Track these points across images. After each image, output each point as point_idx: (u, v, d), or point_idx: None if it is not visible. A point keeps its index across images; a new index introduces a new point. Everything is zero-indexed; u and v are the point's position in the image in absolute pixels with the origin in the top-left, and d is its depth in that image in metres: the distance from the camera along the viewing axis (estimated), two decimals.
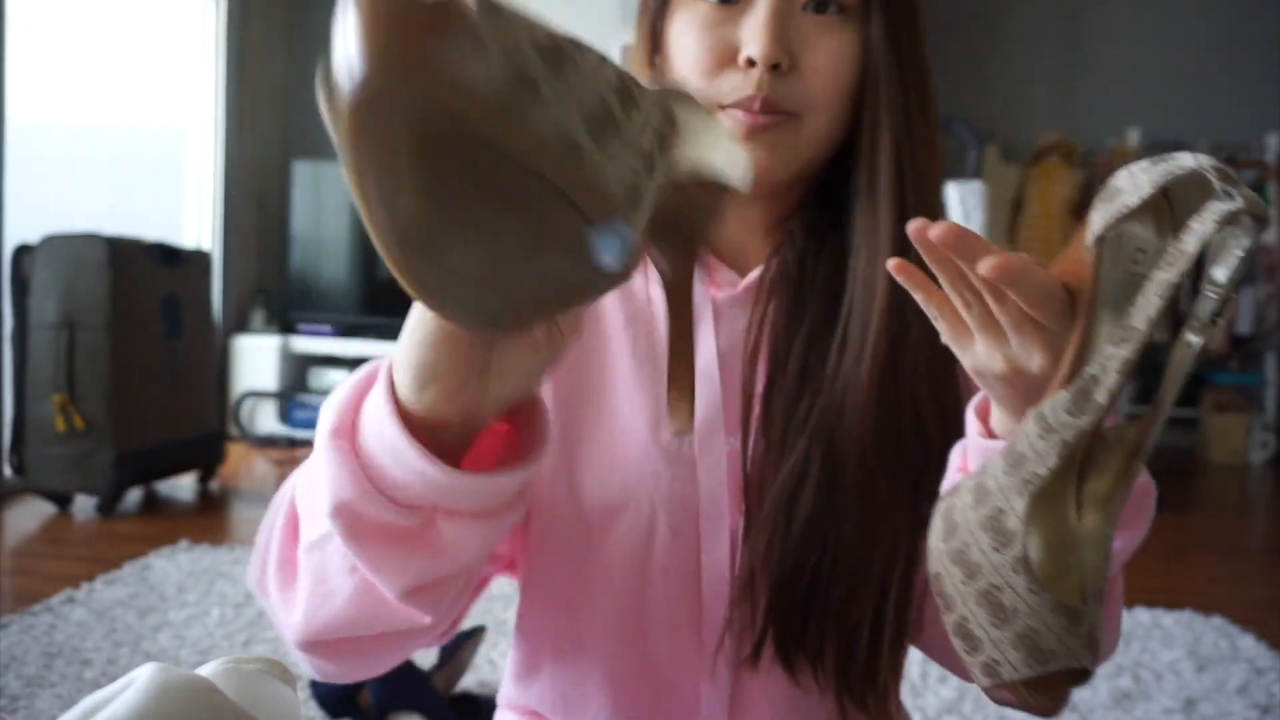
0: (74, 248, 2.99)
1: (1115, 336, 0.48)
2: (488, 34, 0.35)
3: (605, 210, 0.39)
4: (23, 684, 1.70)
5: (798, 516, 0.68)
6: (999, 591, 0.47)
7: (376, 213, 0.39)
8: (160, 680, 0.32)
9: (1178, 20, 5.42)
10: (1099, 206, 0.51)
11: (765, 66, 0.66)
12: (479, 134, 0.35)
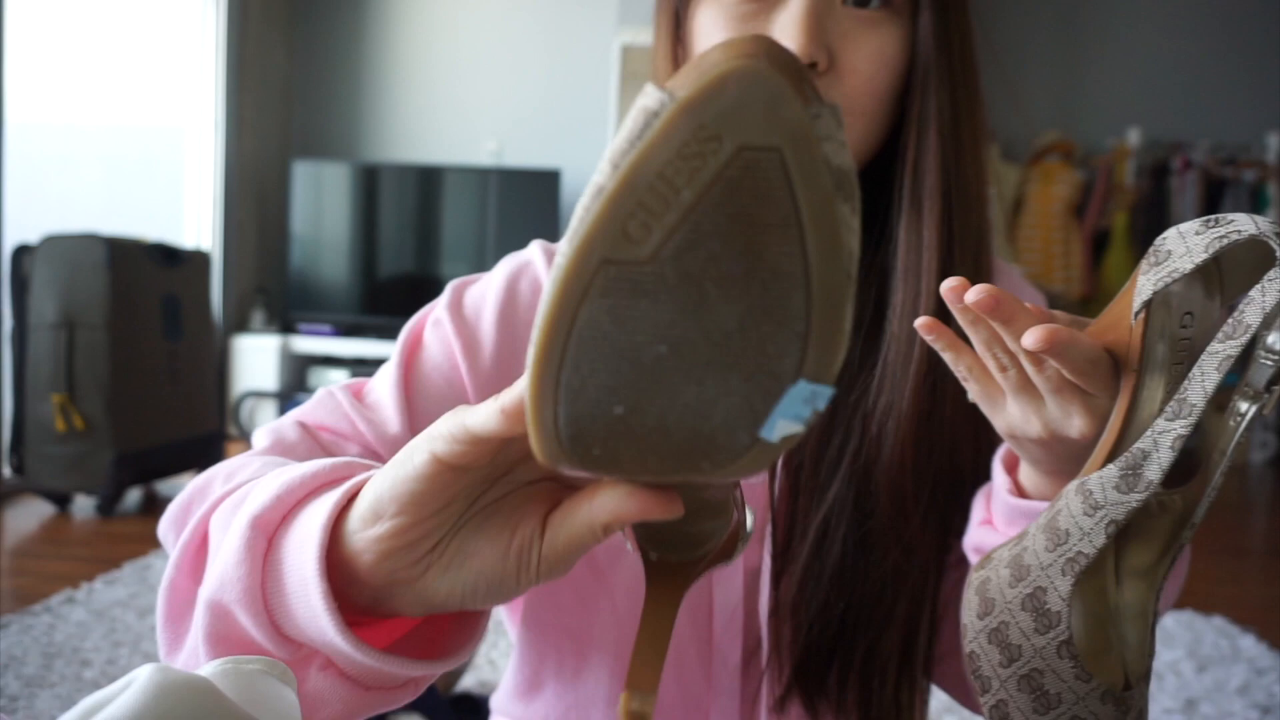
0: (74, 248, 2.99)
1: (1170, 411, 0.45)
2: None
3: (825, 375, 0.32)
4: (22, 684, 1.70)
5: (829, 560, 0.65)
6: (1041, 676, 0.44)
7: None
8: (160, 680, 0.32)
9: (1178, 20, 5.42)
10: (1146, 269, 0.48)
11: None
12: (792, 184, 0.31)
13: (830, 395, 0.33)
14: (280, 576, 0.42)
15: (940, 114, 0.63)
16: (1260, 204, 5.15)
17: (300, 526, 0.42)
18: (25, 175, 3.32)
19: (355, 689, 0.43)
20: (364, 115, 4.89)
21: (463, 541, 0.40)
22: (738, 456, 0.33)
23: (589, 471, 0.34)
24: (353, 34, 4.90)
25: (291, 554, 0.42)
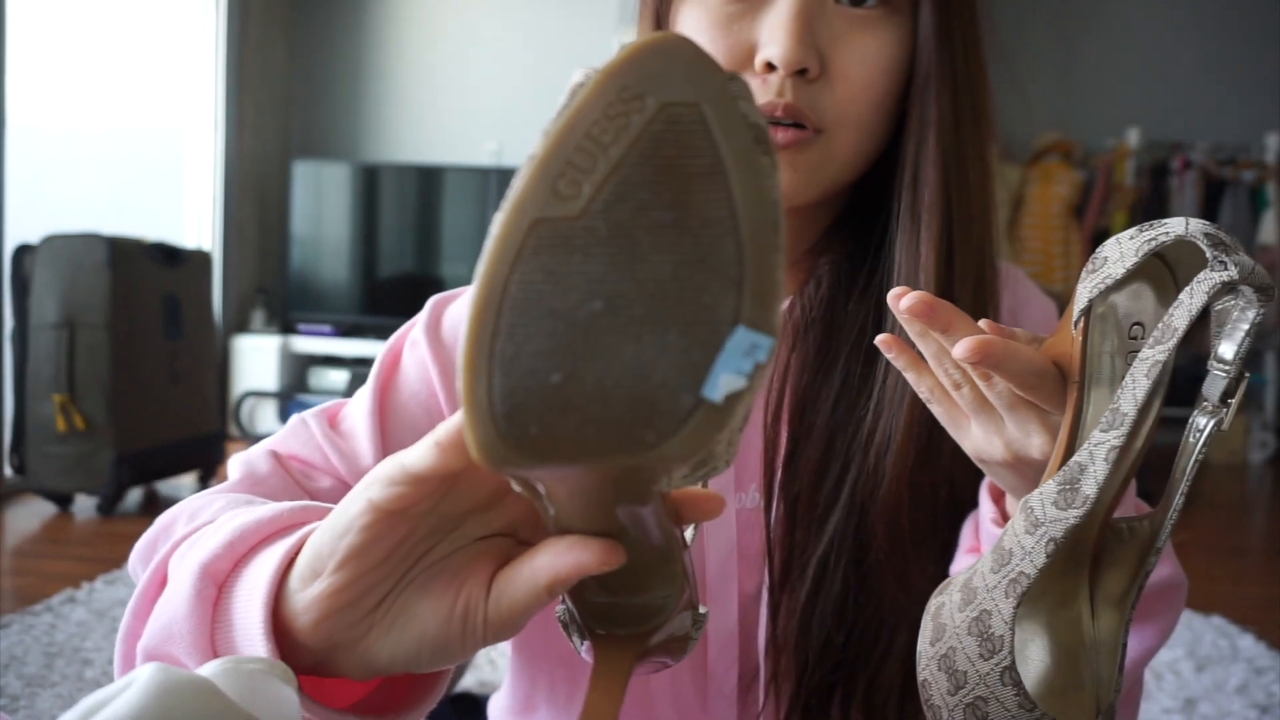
0: (74, 248, 2.99)
1: (1105, 422, 0.43)
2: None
3: (763, 323, 0.31)
4: (23, 683, 1.70)
5: (830, 594, 0.62)
6: (985, 704, 0.42)
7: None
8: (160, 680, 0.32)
9: (1177, 20, 5.42)
10: (1084, 277, 0.47)
11: (788, 72, 0.56)
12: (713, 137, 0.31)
13: (771, 347, 0.32)
14: (230, 630, 0.40)
15: (941, 121, 0.59)
16: (1259, 204, 5.15)
17: (249, 579, 0.40)
18: (26, 176, 3.32)
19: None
20: (364, 115, 4.89)
21: (405, 602, 0.37)
22: (682, 422, 0.32)
23: (526, 463, 0.32)
24: (353, 34, 4.90)
25: (240, 609, 0.40)
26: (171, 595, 0.42)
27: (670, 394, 0.31)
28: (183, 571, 0.42)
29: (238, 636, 0.39)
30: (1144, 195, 5.21)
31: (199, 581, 0.41)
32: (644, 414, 0.32)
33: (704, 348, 0.31)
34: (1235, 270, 0.41)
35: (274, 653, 0.38)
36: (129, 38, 4.15)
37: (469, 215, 4.50)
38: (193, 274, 3.39)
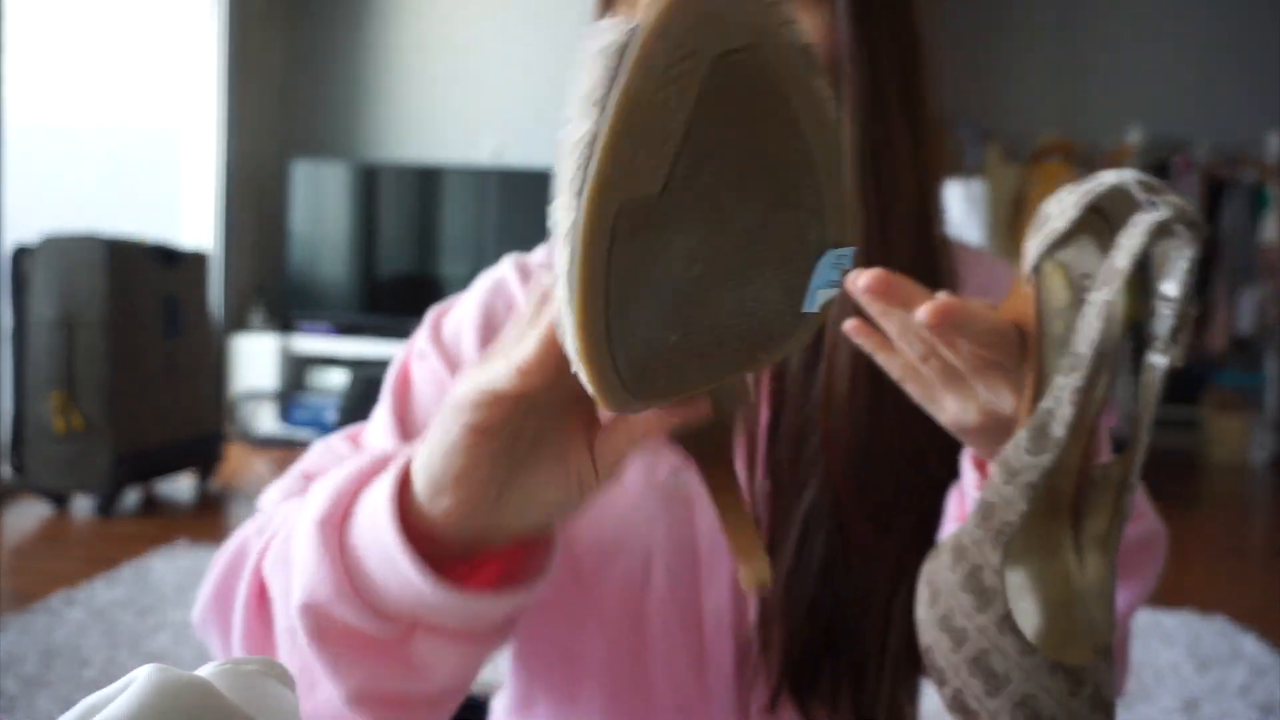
0: (73, 248, 2.99)
1: (1066, 365, 0.45)
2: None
3: (844, 237, 0.34)
4: (21, 684, 1.69)
5: (813, 559, 0.65)
6: (988, 656, 0.43)
7: (619, 163, 0.31)
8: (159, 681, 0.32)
9: (1178, 20, 5.42)
10: (1030, 236, 0.49)
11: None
12: (771, 75, 0.32)
13: (852, 252, 0.35)
14: (359, 560, 0.45)
15: (858, 101, 0.61)
16: (1260, 204, 5.15)
17: (365, 510, 0.45)
18: (25, 176, 3.32)
19: (458, 643, 0.46)
20: (363, 115, 4.89)
21: (524, 482, 0.43)
22: (787, 336, 0.36)
23: (656, 403, 0.36)
24: (352, 33, 4.90)
25: (365, 534, 0.45)
26: (295, 563, 0.47)
27: (776, 320, 0.35)
28: (296, 539, 0.47)
29: (371, 562, 0.44)
30: None
31: (319, 534, 0.46)
32: (755, 341, 0.35)
33: (800, 274, 0.34)
34: (1168, 210, 0.43)
35: (413, 554, 0.43)
36: (127, 37, 4.15)
37: (468, 215, 4.50)
38: (191, 274, 3.39)
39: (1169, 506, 3.42)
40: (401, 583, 0.44)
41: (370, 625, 0.45)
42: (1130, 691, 1.87)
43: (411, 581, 0.43)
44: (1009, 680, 0.42)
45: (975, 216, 3.61)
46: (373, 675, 0.46)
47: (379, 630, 0.46)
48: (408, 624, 0.46)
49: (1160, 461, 5.23)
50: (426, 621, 0.46)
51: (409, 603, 0.44)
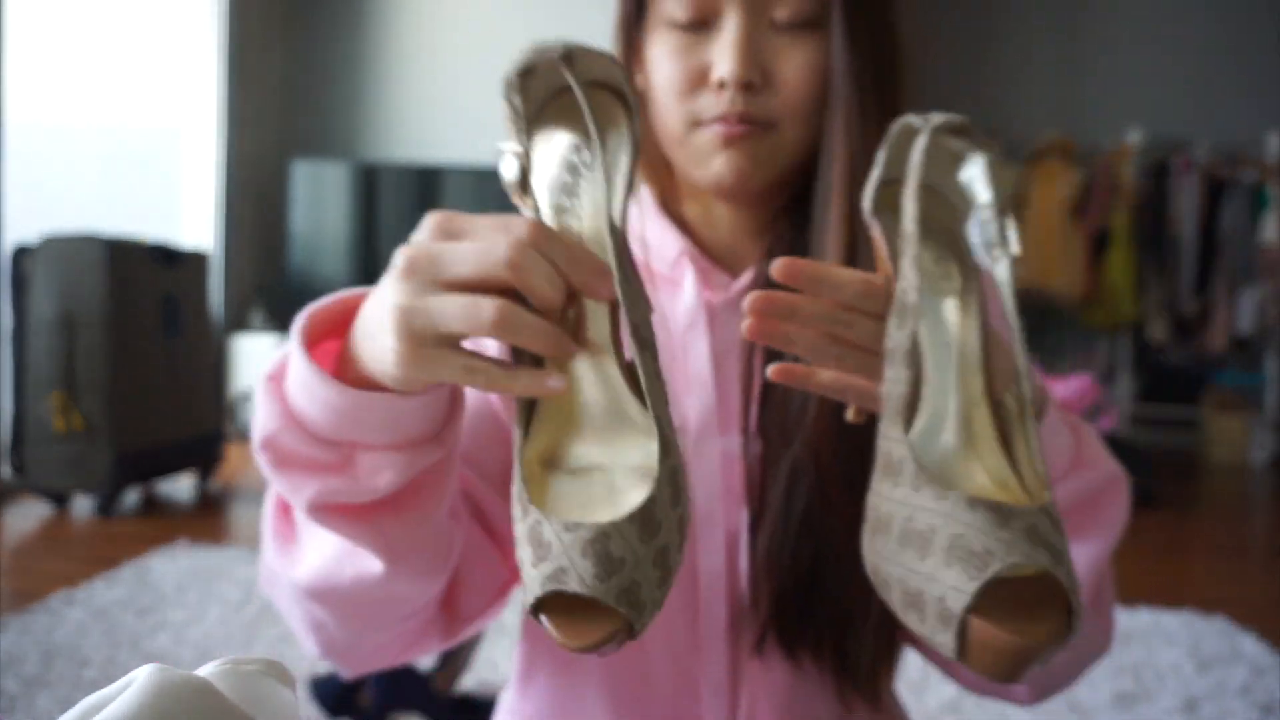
0: (73, 248, 2.99)
1: (902, 249, 0.49)
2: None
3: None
4: (21, 684, 1.69)
5: (795, 510, 0.68)
6: (912, 521, 0.41)
7: None
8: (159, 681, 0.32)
9: (1178, 20, 5.42)
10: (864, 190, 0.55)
11: (736, 87, 0.68)
12: None
13: None
14: (291, 394, 0.52)
15: (848, 111, 0.68)
16: (1260, 204, 5.14)
17: (292, 358, 0.53)
18: (25, 175, 3.32)
19: (395, 452, 0.52)
20: (363, 115, 4.89)
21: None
22: None
23: None
24: (352, 33, 4.90)
25: (293, 376, 0.52)
26: (258, 414, 0.55)
27: None
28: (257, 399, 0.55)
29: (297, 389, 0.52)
30: (1145, 195, 5.21)
31: (266, 384, 0.54)
32: None
33: None
34: (932, 121, 0.48)
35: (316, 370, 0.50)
36: (128, 37, 4.15)
37: None
38: (191, 274, 3.39)
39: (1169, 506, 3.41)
40: (320, 404, 0.50)
41: (314, 450, 0.52)
42: (1130, 691, 1.87)
43: (325, 399, 0.50)
44: (934, 533, 0.40)
45: None
46: (325, 490, 0.52)
47: (322, 453, 0.52)
48: (348, 447, 0.52)
49: (1160, 461, 5.23)
50: (359, 441, 0.52)
51: (336, 423, 0.51)
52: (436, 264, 0.45)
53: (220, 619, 2.05)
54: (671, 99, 0.70)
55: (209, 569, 2.38)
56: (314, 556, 0.58)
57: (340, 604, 0.59)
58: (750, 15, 0.68)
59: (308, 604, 0.60)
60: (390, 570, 0.55)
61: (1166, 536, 3.28)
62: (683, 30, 0.70)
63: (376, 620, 0.61)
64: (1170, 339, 5.27)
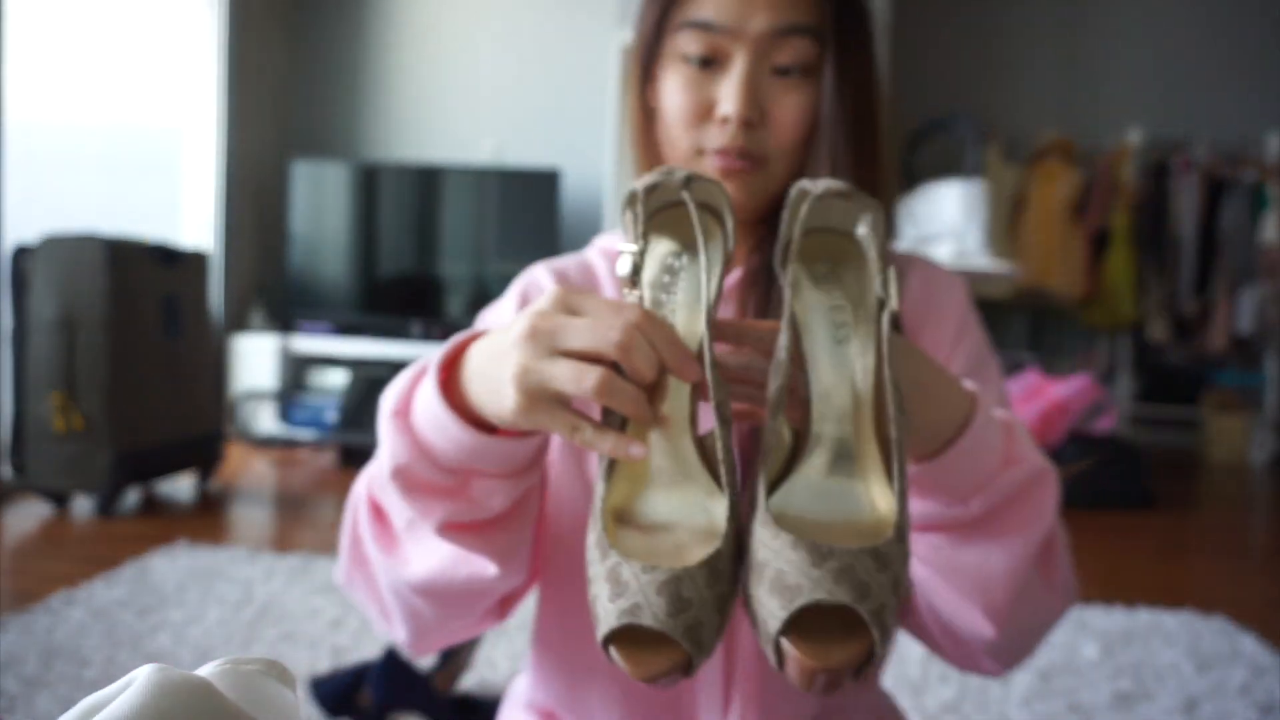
0: (73, 248, 2.99)
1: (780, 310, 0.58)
2: None
3: None
4: (21, 684, 1.69)
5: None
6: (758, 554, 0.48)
7: None
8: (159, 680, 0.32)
9: (1178, 20, 5.42)
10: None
11: (738, 123, 0.77)
12: None
13: None
14: (421, 429, 0.62)
15: (834, 147, 0.78)
16: (1260, 203, 5.14)
17: (420, 398, 0.63)
18: (25, 175, 3.32)
19: (501, 480, 0.63)
20: (363, 115, 4.89)
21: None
22: None
23: None
24: (352, 33, 4.90)
25: (422, 413, 0.62)
26: (382, 448, 0.65)
27: None
28: (383, 434, 0.65)
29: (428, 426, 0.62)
30: (1145, 195, 5.21)
31: (393, 420, 0.64)
32: None
33: None
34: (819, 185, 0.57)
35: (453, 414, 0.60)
36: (128, 36, 4.15)
37: (468, 215, 4.50)
38: (191, 274, 3.39)
39: (1169, 506, 3.41)
40: (450, 441, 0.61)
41: (438, 477, 0.63)
42: (1130, 691, 1.87)
43: (456, 437, 0.60)
44: (767, 565, 0.46)
45: (975, 216, 3.60)
46: (449, 511, 0.63)
47: (445, 479, 0.63)
48: (465, 474, 0.63)
49: (1160, 461, 5.22)
50: (476, 468, 0.62)
51: (459, 456, 0.61)
52: (556, 335, 0.54)
53: (220, 619, 2.06)
54: (679, 128, 0.79)
55: (209, 569, 2.38)
56: (428, 559, 0.67)
57: (445, 598, 0.69)
58: (755, 60, 0.77)
59: (414, 599, 0.70)
60: (501, 572, 0.66)
61: (1166, 536, 3.28)
62: (695, 66, 0.78)
63: (470, 609, 0.71)
64: (1170, 339, 5.27)
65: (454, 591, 0.68)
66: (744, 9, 0.77)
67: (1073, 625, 2.23)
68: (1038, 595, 0.71)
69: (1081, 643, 2.12)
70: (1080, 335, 5.48)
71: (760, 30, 0.76)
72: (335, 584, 0.70)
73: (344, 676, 1.63)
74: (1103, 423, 3.91)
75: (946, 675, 1.90)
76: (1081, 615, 2.30)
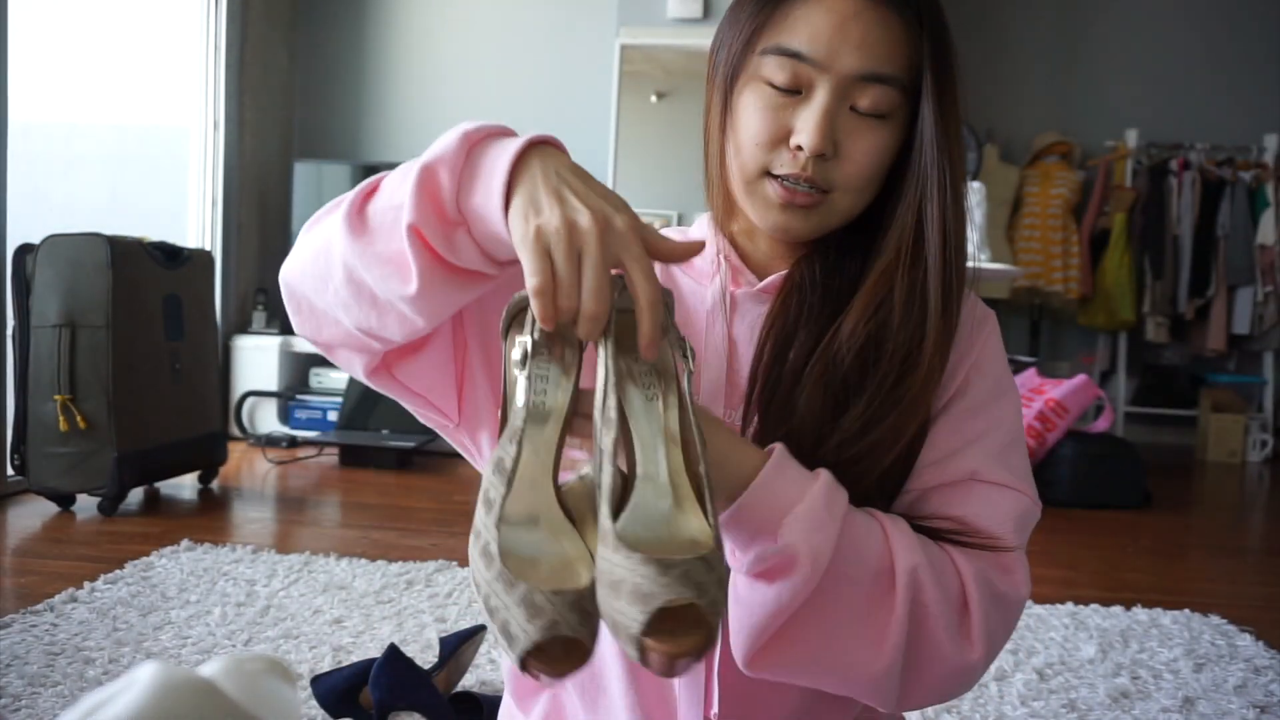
0: (76, 247, 3.00)
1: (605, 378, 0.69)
2: None
3: None
4: (25, 683, 1.70)
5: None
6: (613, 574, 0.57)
7: None
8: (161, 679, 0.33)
9: (1176, 22, 5.42)
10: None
11: (811, 155, 0.78)
12: None
13: None
14: (475, 166, 0.66)
15: (941, 188, 0.80)
16: (1258, 204, 5.14)
17: (502, 144, 0.67)
18: (28, 175, 3.33)
19: (483, 255, 0.68)
20: (365, 116, 4.90)
21: None
22: None
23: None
24: (354, 35, 4.91)
25: (489, 156, 0.66)
26: (435, 146, 0.68)
27: None
28: (444, 139, 0.68)
29: (482, 170, 0.66)
30: (1142, 196, 5.21)
31: (462, 137, 0.68)
32: None
33: None
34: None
35: (505, 185, 0.65)
36: (130, 38, 4.16)
37: None
38: (194, 274, 3.39)
39: (1166, 506, 3.42)
40: (486, 195, 0.65)
41: (450, 201, 0.66)
42: (1127, 690, 1.88)
43: (492, 198, 0.65)
44: (623, 582, 0.55)
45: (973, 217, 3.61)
46: (428, 222, 0.66)
47: (450, 207, 0.67)
48: (461, 221, 0.67)
49: (1158, 460, 5.21)
50: (470, 229, 0.67)
51: (475, 207, 0.66)
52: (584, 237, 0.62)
53: (223, 618, 2.07)
54: (751, 146, 0.80)
55: (212, 568, 2.39)
56: (377, 245, 0.70)
57: (355, 284, 0.72)
58: (837, 97, 0.78)
59: (336, 265, 0.72)
60: (412, 301, 0.68)
61: (1163, 536, 3.29)
62: (776, 91, 0.80)
63: (355, 313, 0.73)
64: (1168, 339, 5.27)
65: (367, 284, 0.71)
66: (836, 45, 0.77)
67: (1070, 624, 2.24)
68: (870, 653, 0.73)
69: (1079, 641, 2.13)
70: (1078, 335, 5.48)
71: (847, 70, 0.78)
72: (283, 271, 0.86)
73: (345, 675, 1.64)
74: (1100, 422, 3.92)
75: None
76: (1079, 614, 2.31)
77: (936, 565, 0.74)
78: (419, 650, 1.92)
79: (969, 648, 0.74)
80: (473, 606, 2.18)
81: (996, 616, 0.75)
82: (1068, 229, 5.20)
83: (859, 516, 0.74)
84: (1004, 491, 0.80)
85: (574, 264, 0.62)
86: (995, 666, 1.95)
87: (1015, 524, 0.78)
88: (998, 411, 0.83)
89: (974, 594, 0.74)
